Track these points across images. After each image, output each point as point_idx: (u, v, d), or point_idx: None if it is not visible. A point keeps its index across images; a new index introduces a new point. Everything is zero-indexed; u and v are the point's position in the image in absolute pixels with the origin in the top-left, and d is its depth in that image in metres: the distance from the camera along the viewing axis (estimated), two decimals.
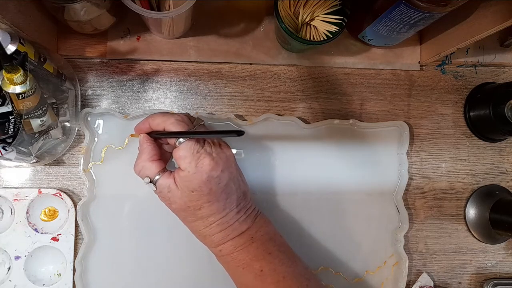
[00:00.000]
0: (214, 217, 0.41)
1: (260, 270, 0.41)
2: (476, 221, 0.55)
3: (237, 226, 0.41)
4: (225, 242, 0.41)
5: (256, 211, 0.44)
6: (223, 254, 0.42)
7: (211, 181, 0.39)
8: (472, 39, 0.45)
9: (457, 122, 0.56)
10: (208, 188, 0.39)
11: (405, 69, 0.55)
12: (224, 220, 0.41)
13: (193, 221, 0.41)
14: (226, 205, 0.41)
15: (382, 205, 0.53)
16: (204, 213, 0.40)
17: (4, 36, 0.38)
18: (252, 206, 0.44)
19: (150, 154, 0.41)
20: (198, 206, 0.40)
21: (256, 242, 0.42)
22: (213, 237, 0.41)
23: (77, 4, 0.41)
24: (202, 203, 0.40)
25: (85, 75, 0.51)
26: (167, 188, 0.40)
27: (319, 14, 0.48)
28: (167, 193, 0.40)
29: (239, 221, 0.41)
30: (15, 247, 0.49)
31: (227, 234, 0.41)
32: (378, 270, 0.53)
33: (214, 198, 0.40)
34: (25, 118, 0.40)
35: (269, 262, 0.41)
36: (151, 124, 0.42)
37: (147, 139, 0.42)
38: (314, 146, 0.53)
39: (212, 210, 0.40)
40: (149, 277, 0.50)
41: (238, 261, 0.41)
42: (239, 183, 0.43)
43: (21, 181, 0.50)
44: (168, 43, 0.52)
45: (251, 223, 0.42)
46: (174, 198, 0.40)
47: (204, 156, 0.39)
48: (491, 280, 0.54)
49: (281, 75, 0.54)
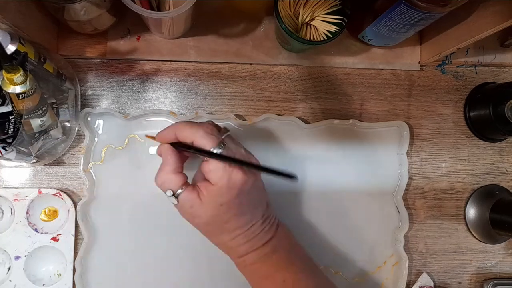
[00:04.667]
0: (240, 230, 0.40)
1: (283, 281, 0.40)
2: (476, 221, 0.55)
3: (262, 237, 0.41)
4: (249, 252, 0.41)
5: (277, 221, 0.44)
6: (246, 264, 0.41)
7: (241, 194, 0.38)
8: (472, 39, 0.45)
9: (457, 122, 0.56)
10: (238, 202, 0.38)
11: (405, 69, 0.55)
12: (250, 231, 0.40)
13: (219, 234, 0.41)
14: (253, 216, 0.40)
15: (382, 205, 0.53)
16: (231, 226, 0.39)
17: (4, 36, 0.38)
18: (273, 215, 0.43)
19: (174, 166, 0.39)
20: (225, 220, 0.39)
21: (279, 252, 0.41)
22: (238, 249, 0.41)
23: (77, 4, 0.41)
24: (230, 217, 0.39)
25: (85, 75, 0.51)
26: (189, 202, 0.38)
27: (319, 14, 0.48)
28: (189, 208, 0.39)
29: (264, 231, 0.41)
30: (15, 247, 0.49)
31: (252, 245, 0.40)
32: (378, 270, 0.53)
33: (242, 211, 0.39)
34: (25, 118, 0.40)
35: (292, 272, 0.41)
36: (178, 136, 0.39)
37: (172, 150, 0.40)
38: (314, 146, 0.53)
39: (239, 222, 0.39)
40: (149, 277, 0.50)
41: (261, 272, 0.41)
42: (264, 193, 0.43)
43: (21, 181, 0.50)
44: (168, 43, 0.52)
45: (274, 232, 0.42)
46: (198, 213, 0.39)
47: (237, 171, 0.37)
48: (491, 280, 0.54)
49: (281, 75, 0.54)
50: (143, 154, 0.51)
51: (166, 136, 0.40)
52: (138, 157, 0.51)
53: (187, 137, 0.38)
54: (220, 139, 0.38)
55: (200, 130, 0.38)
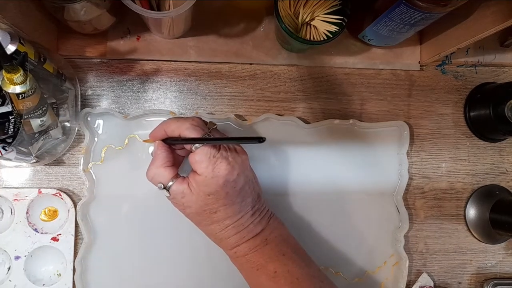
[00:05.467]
0: (229, 220, 0.41)
1: (274, 271, 0.41)
2: (476, 221, 0.55)
3: (252, 228, 0.42)
4: (240, 244, 0.42)
5: (270, 212, 0.44)
6: (237, 256, 0.42)
7: (228, 185, 0.39)
8: (472, 39, 0.45)
9: (457, 122, 0.56)
10: (224, 192, 0.39)
11: (405, 69, 0.55)
12: (240, 223, 0.41)
13: (209, 224, 0.42)
14: (241, 208, 0.41)
15: (382, 205, 0.53)
16: (220, 217, 0.40)
17: (4, 36, 0.38)
18: (266, 208, 0.44)
19: (163, 161, 0.41)
20: (214, 210, 0.40)
21: (270, 243, 0.42)
22: (229, 240, 0.42)
23: (77, 4, 0.41)
24: (218, 207, 0.40)
25: (85, 75, 0.51)
26: (181, 193, 0.40)
27: (319, 14, 0.48)
28: (181, 198, 0.40)
29: (253, 223, 0.42)
30: (15, 247, 0.49)
31: (242, 236, 0.41)
32: (378, 270, 0.53)
33: (230, 201, 0.40)
34: (25, 118, 0.40)
35: (283, 263, 0.41)
36: (166, 131, 0.41)
37: (162, 145, 0.42)
38: (314, 146, 0.53)
39: (228, 213, 0.40)
40: (149, 277, 0.50)
41: (252, 263, 0.42)
42: (254, 185, 0.43)
43: (21, 181, 0.50)
44: (168, 43, 0.52)
45: (265, 224, 0.43)
46: (189, 203, 0.40)
47: (221, 160, 0.38)
48: (491, 280, 0.54)
49: (281, 75, 0.54)
50: (143, 154, 0.51)
51: (157, 134, 0.42)
52: (138, 157, 0.51)
53: (174, 131, 0.40)
54: (206, 131, 0.40)
55: (186, 123, 0.40)
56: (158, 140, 0.42)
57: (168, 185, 0.40)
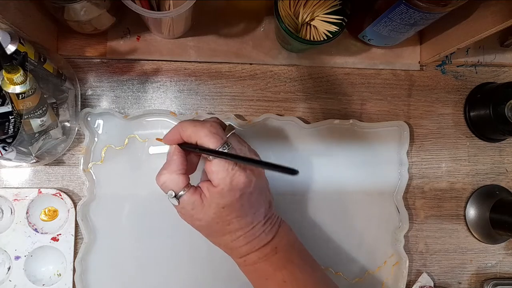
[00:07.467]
0: (242, 231, 0.39)
1: (283, 281, 0.40)
2: (476, 221, 0.55)
3: (263, 237, 0.40)
4: (250, 253, 0.41)
5: (279, 219, 0.43)
6: (246, 264, 0.41)
7: (244, 197, 0.38)
8: (472, 39, 0.45)
9: (457, 122, 0.56)
10: (239, 204, 0.38)
11: (405, 69, 0.55)
12: (251, 233, 0.40)
13: (220, 236, 0.40)
14: (254, 218, 0.40)
15: (382, 205, 0.53)
16: (232, 228, 0.39)
17: (4, 36, 0.38)
18: (275, 215, 0.43)
19: (178, 167, 0.39)
20: (227, 222, 0.39)
21: (280, 252, 0.41)
22: (239, 249, 0.41)
23: (77, 4, 0.41)
24: (231, 218, 0.38)
25: (85, 75, 0.51)
26: (191, 205, 0.38)
27: (319, 14, 0.48)
28: (190, 210, 0.38)
29: (265, 232, 0.41)
30: (15, 247, 0.49)
31: (253, 246, 0.40)
32: (378, 270, 0.53)
33: (243, 213, 0.38)
34: (25, 118, 0.40)
35: (291, 272, 0.41)
36: (182, 135, 0.39)
37: (178, 151, 0.39)
38: (314, 146, 0.53)
39: (241, 224, 0.39)
40: (149, 277, 0.50)
41: (261, 272, 0.41)
42: (267, 194, 0.42)
43: (21, 181, 0.50)
44: (168, 43, 0.52)
45: (275, 232, 0.42)
46: (199, 215, 0.38)
47: (240, 173, 0.37)
48: (491, 280, 0.54)
49: (281, 75, 0.54)
50: (143, 154, 0.51)
51: (172, 137, 0.40)
52: (138, 157, 0.51)
53: (190, 136, 0.38)
54: (225, 139, 0.37)
55: (204, 129, 0.37)
56: (173, 144, 0.40)
57: (179, 194, 0.38)
